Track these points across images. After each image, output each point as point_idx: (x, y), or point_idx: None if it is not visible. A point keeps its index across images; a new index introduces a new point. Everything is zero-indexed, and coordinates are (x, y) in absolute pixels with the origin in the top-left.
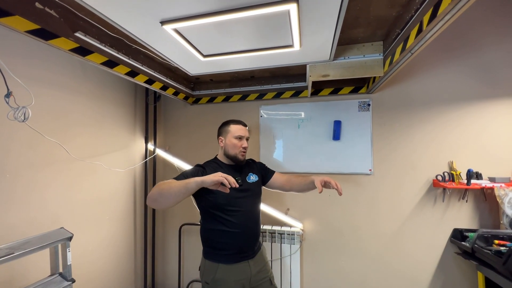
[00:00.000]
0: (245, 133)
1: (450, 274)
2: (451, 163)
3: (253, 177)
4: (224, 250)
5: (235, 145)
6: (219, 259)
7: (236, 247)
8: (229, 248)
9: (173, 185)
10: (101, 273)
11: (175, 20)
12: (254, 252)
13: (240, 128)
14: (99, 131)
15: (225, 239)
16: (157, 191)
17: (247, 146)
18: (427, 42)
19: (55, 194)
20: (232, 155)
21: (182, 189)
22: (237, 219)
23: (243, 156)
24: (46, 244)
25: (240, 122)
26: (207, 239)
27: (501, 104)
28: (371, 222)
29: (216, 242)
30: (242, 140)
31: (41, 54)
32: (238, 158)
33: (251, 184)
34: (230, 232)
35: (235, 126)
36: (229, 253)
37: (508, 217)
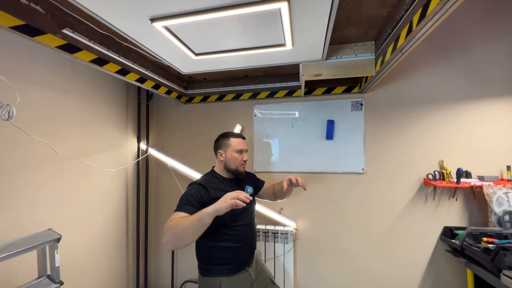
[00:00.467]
0: (245, 146)
1: (441, 271)
2: (442, 162)
3: (249, 190)
4: (226, 264)
5: (236, 158)
6: (221, 273)
7: (239, 259)
8: (232, 262)
9: (185, 224)
10: (91, 275)
11: (165, 17)
12: (251, 261)
13: (240, 141)
14: (89, 130)
15: (229, 254)
16: (172, 235)
17: (247, 159)
18: (417, 42)
19: (42, 195)
20: (234, 169)
21: (198, 226)
22: (241, 233)
23: (244, 169)
24: (33, 246)
25: (239, 136)
26: (207, 256)
27: (490, 104)
28: (363, 221)
29: (218, 258)
30: (243, 153)
31: (27, 51)
32: (240, 171)
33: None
34: (234, 246)
35: (236, 139)
36: (232, 266)
37: (496, 215)
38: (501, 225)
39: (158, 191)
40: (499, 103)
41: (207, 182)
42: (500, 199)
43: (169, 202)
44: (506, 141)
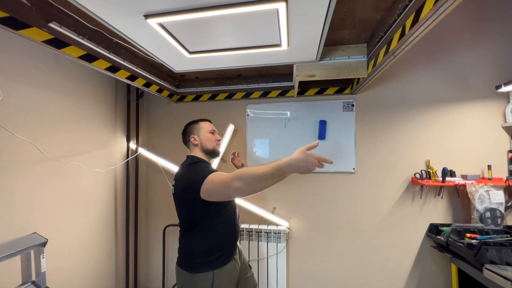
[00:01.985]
0: (214, 128)
1: (427, 266)
2: (428, 162)
3: None
4: (220, 255)
5: (211, 138)
6: (212, 266)
7: (231, 246)
8: (224, 250)
9: (263, 175)
10: (79, 279)
11: (160, 14)
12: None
13: (210, 124)
14: (76, 129)
15: (222, 242)
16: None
17: (221, 138)
18: (409, 45)
19: (27, 197)
20: (211, 149)
21: (276, 178)
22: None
23: (219, 147)
24: (17, 251)
25: (207, 120)
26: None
27: (472, 107)
28: (354, 219)
29: (211, 250)
30: (215, 134)
31: (10, 45)
32: (217, 150)
33: None
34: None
35: (205, 122)
36: (224, 255)
37: (478, 212)
38: (482, 222)
39: (148, 191)
40: (481, 105)
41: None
42: (482, 196)
43: (160, 203)
44: (487, 142)
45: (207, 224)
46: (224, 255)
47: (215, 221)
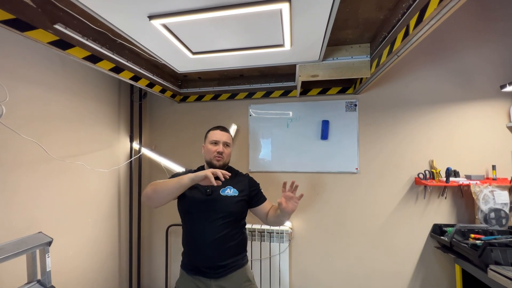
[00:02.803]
0: (221, 138)
1: (430, 267)
2: (432, 162)
3: (229, 191)
4: (184, 257)
5: (210, 150)
6: (184, 266)
7: (195, 259)
8: (187, 256)
9: (168, 182)
10: (84, 278)
11: (164, 15)
12: (219, 273)
13: (216, 133)
14: (80, 129)
15: (185, 245)
16: (151, 188)
17: (222, 151)
18: (413, 45)
19: (33, 196)
20: (208, 161)
21: (176, 185)
22: (199, 231)
23: (219, 162)
24: (22, 250)
25: (219, 128)
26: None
27: (477, 106)
28: (357, 219)
29: (183, 245)
30: (218, 145)
31: (16, 46)
32: (213, 163)
33: (222, 197)
34: (188, 240)
35: (212, 131)
36: (187, 262)
37: (482, 212)
38: (487, 222)
39: None
40: (485, 105)
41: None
42: (486, 197)
43: None
44: (492, 142)
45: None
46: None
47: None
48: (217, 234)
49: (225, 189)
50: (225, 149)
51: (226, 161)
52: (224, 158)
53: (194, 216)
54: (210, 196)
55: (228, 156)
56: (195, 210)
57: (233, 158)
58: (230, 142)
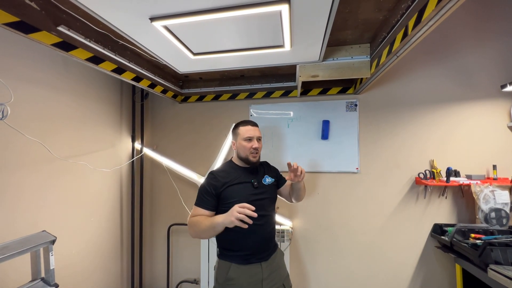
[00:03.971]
0: (254, 133)
1: (431, 267)
2: (432, 162)
3: (269, 179)
4: (236, 251)
5: (245, 147)
6: (231, 259)
7: (249, 249)
8: (242, 250)
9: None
10: (86, 276)
11: (165, 17)
12: (268, 255)
13: (249, 129)
14: (83, 129)
15: (239, 242)
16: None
17: (258, 147)
18: (412, 45)
19: (36, 195)
20: (244, 158)
21: (212, 232)
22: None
23: (255, 158)
24: (27, 248)
25: (249, 123)
26: (220, 240)
27: (477, 106)
28: (357, 219)
29: (229, 243)
30: (252, 141)
31: (20, 48)
32: (250, 160)
33: (267, 186)
34: (244, 235)
35: (244, 127)
36: (241, 254)
37: (483, 212)
38: (487, 222)
39: (153, 191)
40: (486, 104)
41: (219, 170)
42: (487, 197)
43: (165, 202)
44: (493, 142)
45: None
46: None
47: None
48: (269, 221)
49: (265, 179)
50: (259, 144)
51: (259, 155)
52: (259, 153)
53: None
54: (258, 189)
55: (260, 150)
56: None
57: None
58: (261, 135)
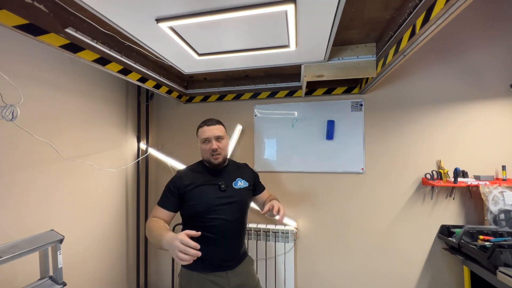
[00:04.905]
0: (211, 133)
1: (438, 269)
2: (439, 162)
3: (241, 183)
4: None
5: (203, 149)
6: (194, 267)
7: (212, 257)
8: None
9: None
10: (93, 275)
11: (171, 18)
12: (235, 263)
13: (204, 130)
14: (89, 130)
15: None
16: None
17: (216, 147)
18: (420, 44)
19: (44, 195)
20: (206, 160)
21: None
22: (216, 229)
23: (217, 159)
24: (36, 247)
25: (205, 123)
26: None
27: (486, 105)
28: (363, 220)
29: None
30: (210, 142)
31: (29, 50)
32: (212, 162)
33: (237, 190)
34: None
35: (200, 129)
36: (204, 263)
37: (492, 213)
38: (496, 224)
39: (158, 191)
40: (495, 105)
41: (187, 169)
42: (496, 198)
43: None
44: (502, 142)
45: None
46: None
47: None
48: (236, 226)
49: (236, 182)
50: (219, 144)
51: (224, 155)
52: (222, 153)
53: (213, 216)
54: (225, 192)
55: (225, 149)
56: (213, 209)
57: (238, 158)
58: (222, 133)
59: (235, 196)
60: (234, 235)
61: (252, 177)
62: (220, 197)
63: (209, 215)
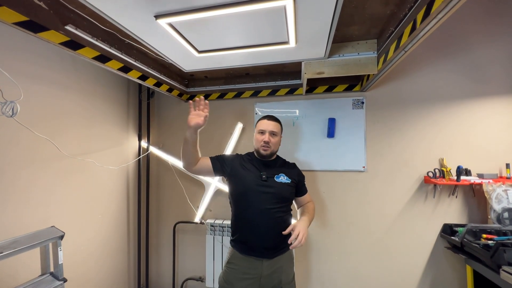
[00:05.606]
0: (267, 127)
1: (440, 268)
2: (442, 160)
3: (283, 178)
4: (238, 240)
5: (257, 139)
6: (234, 246)
7: (248, 240)
8: (242, 239)
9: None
10: (94, 272)
11: (170, 14)
12: (271, 254)
13: (263, 122)
14: (90, 127)
15: (239, 229)
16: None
17: (268, 140)
18: (421, 40)
19: (45, 192)
20: (256, 150)
21: (184, 143)
22: (251, 215)
23: (266, 151)
24: (36, 243)
25: (266, 117)
26: (231, 226)
27: (490, 102)
28: (364, 219)
29: (234, 228)
30: (264, 134)
31: (30, 47)
32: (260, 152)
33: (277, 183)
34: (243, 224)
35: (261, 121)
36: (240, 243)
37: (495, 212)
38: (500, 222)
39: (159, 189)
40: (499, 101)
41: (243, 154)
42: (499, 196)
43: (170, 200)
44: (506, 139)
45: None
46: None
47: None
48: (273, 218)
49: (279, 176)
50: (271, 138)
51: (273, 149)
52: (272, 147)
53: (250, 199)
54: (266, 182)
55: (276, 145)
56: (251, 194)
57: None
58: (277, 130)
59: (273, 187)
60: (268, 224)
61: (297, 177)
62: (259, 185)
63: (247, 198)
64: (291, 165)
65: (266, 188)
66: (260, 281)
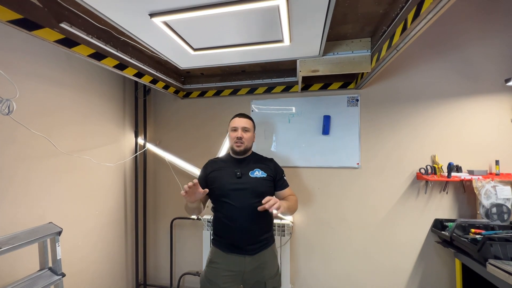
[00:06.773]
0: (239, 124)
1: (431, 262)
2: (434, 157)
3: (258, 173)
4: (220, 238)
5: (231, 136)
6: (216, 245)
7: (227, 238)
8: (223, 237)
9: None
10: (92, 268)
11: (164, 12)
12: (253, 250)
13: (235, 120)
14: (87, 124)
15: (220, 228)
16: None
17: (240, 136)
18: (412, 39)
19: (42, 189)
20: (230, 147)
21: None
22: (229, 212)
23: (239, 147)
24: (35, 238)
25: (238, 115)
26: (212, 225)
27: (480, 100)
28: (358, 214)
29: (215, 228)
30: (237, 131)
31: (25, 45)
32: (234, 148)
33: (251, 178)
34: (223, 222)
35: (232, 119)
36: (223, 242)
37: (484, 207)
38: (488, 217)
39: (156, 185)
40: (489, 99)
41: (215, 158)
42: (488, 192)
43: (167, 197)
44: (495, 136)
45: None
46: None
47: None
48: (251, 213)
49: (253, 172)
50: (244, 134)
51: (247, 145)
52: (245, 143)
53: (227, 198)
54: (240, 179)
55: (249, 140)
56: (228, 192)
57: None
58: (249, 126)
59: (248, 183)
60: (246, 221)
61: (273, 171)
62: (233, 183)
63: (224, 198)
64: (268, 159)
65: (241, 185)
66: (243, 277)
